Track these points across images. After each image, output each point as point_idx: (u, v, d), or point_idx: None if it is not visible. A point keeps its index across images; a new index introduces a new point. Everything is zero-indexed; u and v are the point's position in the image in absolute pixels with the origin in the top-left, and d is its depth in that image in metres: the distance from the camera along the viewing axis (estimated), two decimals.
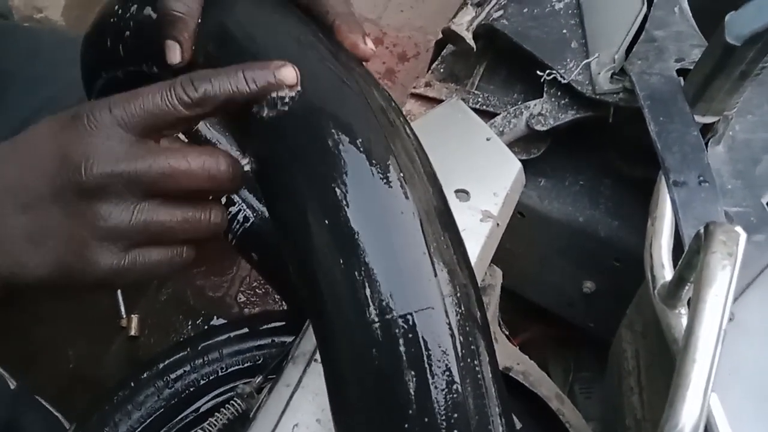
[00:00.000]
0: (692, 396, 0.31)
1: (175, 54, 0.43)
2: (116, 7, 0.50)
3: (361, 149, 0.38)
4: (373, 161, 0.37)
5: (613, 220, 0.75)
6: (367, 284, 0.36)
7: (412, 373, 0.35)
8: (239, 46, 0.42)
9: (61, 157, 0.37)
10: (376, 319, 0.35)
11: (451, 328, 0.36)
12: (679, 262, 0.43)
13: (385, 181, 0.37)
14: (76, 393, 1.14)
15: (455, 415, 0.35)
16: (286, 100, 0.38)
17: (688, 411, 0.31)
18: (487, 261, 0.64)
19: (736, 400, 0.45)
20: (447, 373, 0.35)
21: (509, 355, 0.70)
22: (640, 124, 0.60)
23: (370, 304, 0.35)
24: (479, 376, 0.36)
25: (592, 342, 0.93)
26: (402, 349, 0.35)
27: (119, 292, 1.18)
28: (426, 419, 0.35)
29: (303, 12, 0.45)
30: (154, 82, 0.39)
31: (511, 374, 0.68)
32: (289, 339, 0.75)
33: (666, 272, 0.49)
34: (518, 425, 0.67)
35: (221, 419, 0.66)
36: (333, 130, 0.38)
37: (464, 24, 0.75)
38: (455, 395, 0.35)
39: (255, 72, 0.37)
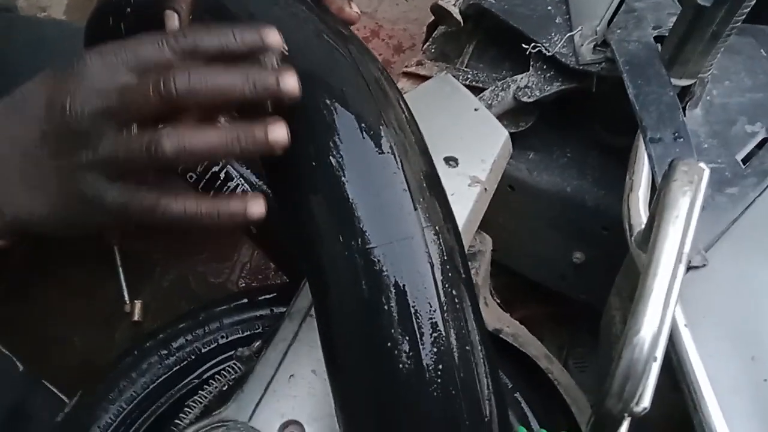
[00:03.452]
0: (653, 306, 0.33)
1: (173, 23, 0.45)
2: None
3: (349, 106, 0.40)
4: (360, 114, 0.40)
5: (599, 189, 0.77)
6: (352, 218, 0.38)
7: (395, 299, 0.37)
8: (233, 16, 0.45)
9: (49, 101, 0.39)
10: (361, 249, 0.38)
11: (430, 257, 0.38)
12: (651, 205, 0.45)
13: (369, 130, 0.40)
14: (79, 378, 1.16)
15: (435, 335, 0.37)
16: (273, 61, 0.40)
17: (649, 319, 0.33)
18: (476, 225, 0.66)
19: (710, 340, 0.48)
20: (427, 298, 0.37)
21: (499, 318, 0.72)
22: (622, 94, 0.63)
23: (356, 235, 0.38)
24: (457, 303, 0.39)
25: (587, 318, 0.95)
26: (384, 276, 0.37)
27: (122, 278, 1.19)
28: (408, 338, 0.37)
29: None
30: None
31: (501, 336, 0.70)
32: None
33: (642, 220, 0.51)
34: (508, 385, 0.69)
35: (222, 381, 0.68)
36: (324, 91, 0.41)
37: (451, 0, 0.77)
38: (435, 318, 0.37)
39: (244, 33, 0.39)
